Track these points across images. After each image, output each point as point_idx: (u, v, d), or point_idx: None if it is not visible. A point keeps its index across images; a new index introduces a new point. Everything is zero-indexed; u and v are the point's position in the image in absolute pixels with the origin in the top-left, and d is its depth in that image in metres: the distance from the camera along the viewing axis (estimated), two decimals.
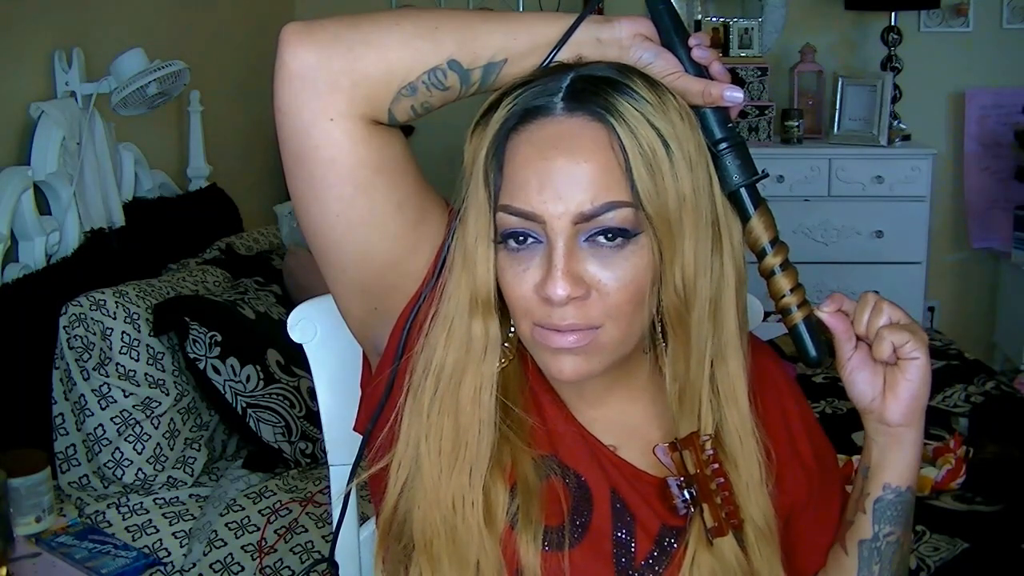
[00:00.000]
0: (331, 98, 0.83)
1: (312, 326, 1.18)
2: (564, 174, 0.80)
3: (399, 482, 0.88)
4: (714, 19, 3.85)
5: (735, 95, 0.85)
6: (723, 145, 0.86)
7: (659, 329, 0.88)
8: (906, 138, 3.76)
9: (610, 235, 0.81)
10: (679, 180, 0.81)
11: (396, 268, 0.89)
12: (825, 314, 0.88)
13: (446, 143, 0.86)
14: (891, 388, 0.88)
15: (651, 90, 0.82)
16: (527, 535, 0.85)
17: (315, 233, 0.89)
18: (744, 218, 0.87)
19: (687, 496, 0.87)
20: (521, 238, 0.83)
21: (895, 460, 0.92)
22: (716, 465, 0.87)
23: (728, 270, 0.86)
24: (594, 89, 0.82)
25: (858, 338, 0.89)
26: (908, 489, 0.93)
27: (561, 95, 0.82)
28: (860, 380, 0.89)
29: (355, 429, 0.98)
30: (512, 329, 0.89)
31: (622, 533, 0.89)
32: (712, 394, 0.88)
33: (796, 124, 3.73)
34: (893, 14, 3.75)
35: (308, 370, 1.20)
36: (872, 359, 0.89)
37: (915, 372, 0.87)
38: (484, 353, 0.87)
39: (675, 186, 0.81)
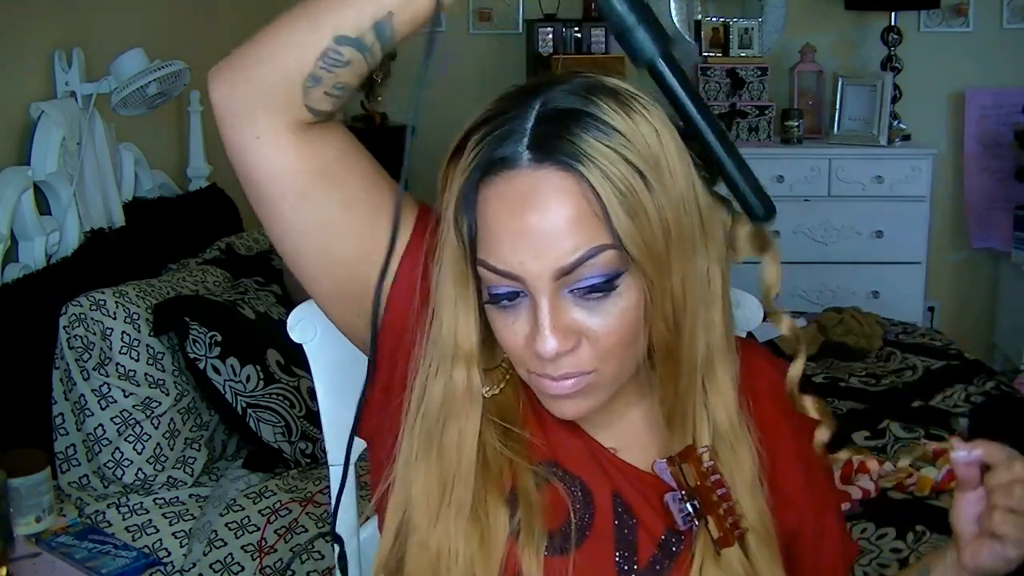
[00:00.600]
0: (251, 120, 0.84)
1: (312, 326, 1.18)
2: (537, 232, 0.78)
3: (393, 524, 0.89)
4: (714, 19, 3.85)
5: None
6: (630, 20, 0.80)
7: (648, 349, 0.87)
8: (906, 138, 3.76)
9: (594, 290, 0.80)
10: (662, 209, 0.79)
11: (362, 268, 0.89)
12: (960, 460, 0.85)
13: (447, 142, 0.85)
14: (978, 545, 0.87)
15: (620, 112, 0.79)
16: (530, 549, 0.85)
17: (281, 249, 0.91)
18: (669, 92, 0.81)
19: (689, 510, 0.86)
20: (510, 296, 0.82)
21: None
22: (716, 476, 0.86)
23: (715, 278, 0.85)
24: (559, 132, 0.78)
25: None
26: None
27: (526, 141, 0.79)
28: (963, 513, 0.88)
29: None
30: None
31: (625, 536, 0.89)
32: (703, 403, 0.87)
33: (796, 124, 3.73)
34: (893, 14, 3.75)
35: (308, 370, 1.20)
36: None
37: (995, 557, 0.85)
38: (466, 401, 0.87)
39: (659, 218, 0.79)
